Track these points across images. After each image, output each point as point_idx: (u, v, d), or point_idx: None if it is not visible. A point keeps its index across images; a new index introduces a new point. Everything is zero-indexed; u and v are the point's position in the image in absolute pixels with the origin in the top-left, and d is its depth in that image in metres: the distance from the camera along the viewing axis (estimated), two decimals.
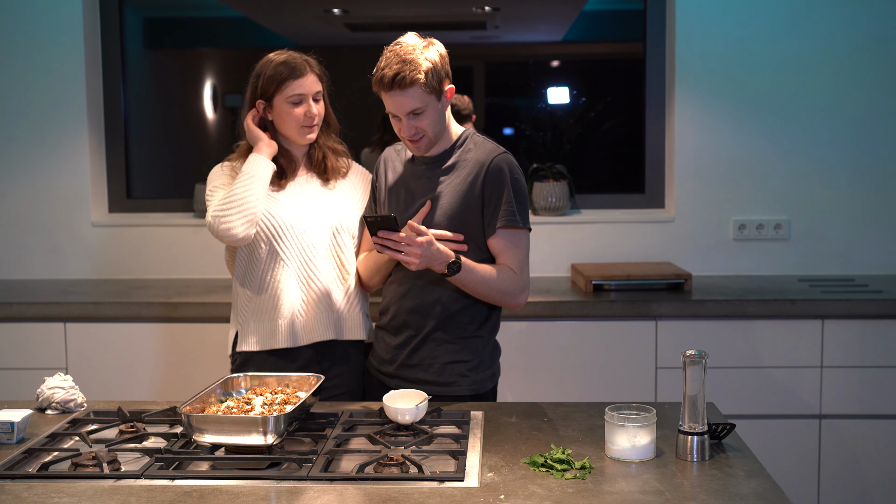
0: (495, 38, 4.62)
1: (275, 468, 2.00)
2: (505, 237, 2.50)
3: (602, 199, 4.12)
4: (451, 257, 2.41)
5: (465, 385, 2.54)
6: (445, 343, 2.54)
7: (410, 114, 2.44)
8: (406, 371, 2.57)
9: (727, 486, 1.90)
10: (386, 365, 2.61)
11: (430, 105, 2.45)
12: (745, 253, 3.93)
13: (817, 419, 3.43)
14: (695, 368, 2.03)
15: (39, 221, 4.00)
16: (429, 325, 2.54)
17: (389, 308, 2.61)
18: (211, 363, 3.39)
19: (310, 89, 2.60)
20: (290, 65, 2.60)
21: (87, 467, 1.99)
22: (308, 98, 2.60)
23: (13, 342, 3.50)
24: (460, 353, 2.55)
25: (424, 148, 2.52)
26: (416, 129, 2.46)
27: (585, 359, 3.45)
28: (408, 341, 2.57)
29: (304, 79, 2.59)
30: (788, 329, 3.40)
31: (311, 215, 2.63)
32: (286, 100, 2.58)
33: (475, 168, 2.51)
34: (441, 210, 2.51)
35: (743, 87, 3.87)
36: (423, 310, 2.54)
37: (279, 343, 2.62)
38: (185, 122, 4.43)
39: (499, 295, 2.50)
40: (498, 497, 1.85)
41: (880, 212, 3.90)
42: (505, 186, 2.48)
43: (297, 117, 2.59)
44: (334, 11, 4.30)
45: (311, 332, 2.63)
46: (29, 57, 3.93)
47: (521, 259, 2.51)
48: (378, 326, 2.69)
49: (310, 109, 2.60)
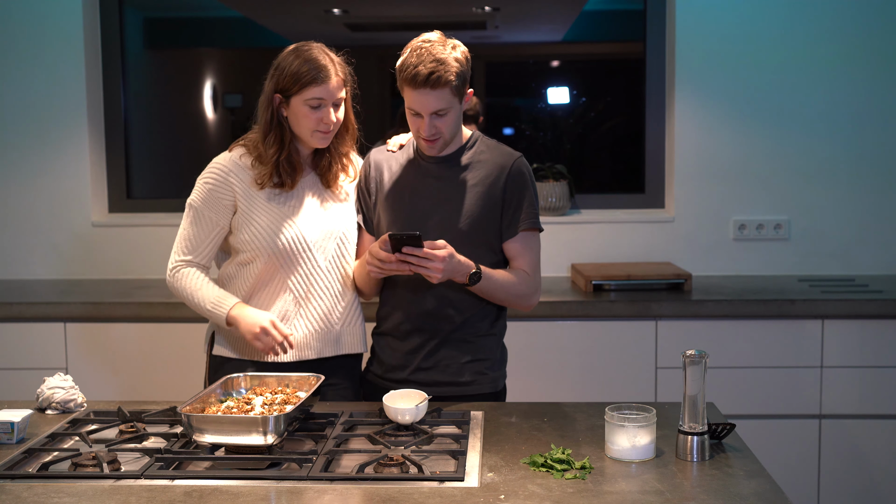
0: (495, 38, 4.62)
1: (275, 468, 1.99)
2: (523, 240, 2.53)
3: (602, 199, 4.12)
4: (472, 268, 2.43)
5: (486, 383, 2.56)
6: (462, 343, 2.54)
7: (434, 114, 2.41)
8: (421, 375, 2.54)
9: (727, 486, 1.90)
10: (396, 371, 2.57)
11: (454, 107, 2.43)
12: (745, 253, 3.93)
13: (817, 419, 3.43)
14: (695, 368, 2.03)
15: (39, 221, 4.00)
16: (446, 328, 2.53)
17: (394, 313, 2.57)
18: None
19: (331, 95, 2.43)
20: (316, 66, 2.41)
21: (87, 467, 1.99)
22: (328, 104, 2.43)
23: (13, 342, 3.50)
24: (477, 353, 2.55)
25: (439, 148, 2.50)
26: (436, 128, 2.43)
27: (585, 359, 3.44)
28: (422, 345, 2.54)
29: (328, 84, 2.42)
30: (788, 329, 3.40)
31: (318, 228, 2.51)
32: (304, 101, 2.42)
33: (495, 170, 2.51)
34: (457, 210, 2.50)
35: (743, 87, 3.87)
36: (439, 314, 2.52)
37: (260, 357, 2.52)
38: (185, 122, 4.43)
39: (514, 298, 2.53)
40: (498, 497, 1.85)
41: (880, 212, 3.90)
42: (527, 190, 2.52)
43: (312, 122, 2.44)
44: (334, 11, 4.30)
45: (304, 350, 2.53)
46: (29, 57, 3.93)
47: (535, 261, 2.55)
48: (379, 333, 2.64)
49: (327, 116, 2.43)
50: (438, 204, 2.51)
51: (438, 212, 2.51)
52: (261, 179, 2.49)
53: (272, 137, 2.48)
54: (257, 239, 2.47)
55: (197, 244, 2.52)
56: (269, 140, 2.48)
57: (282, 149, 2.48)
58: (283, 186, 2.50)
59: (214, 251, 2.55)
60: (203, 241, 2.52)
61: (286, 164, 2.49)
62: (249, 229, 2.48)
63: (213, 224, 2.51)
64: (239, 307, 2.44)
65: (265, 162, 2.49)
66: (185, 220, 2.53)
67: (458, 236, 2.48)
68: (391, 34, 4.61)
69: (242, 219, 2.49)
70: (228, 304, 2.45)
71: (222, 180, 2.50)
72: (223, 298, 2.46)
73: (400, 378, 2.55)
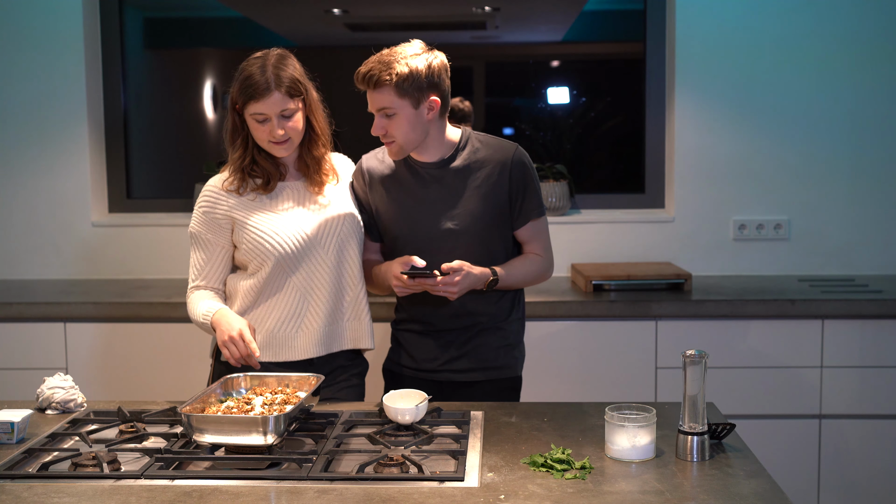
0: (495, 38, 4.62)
1: (275, 468, 2.00)
2: (533, 227, 2.62)
3: (602, 199, 4.12)
4: (488, 276, 2.52)
5: (517, 367, 2.67)
6: (493, 331, 2.62)
7: (382, 113, 2.46)
8: (455, 363, 2.61)
9: (727, 486, 1.90)
10: (427, 363, 2.63)
11: (403, 110, 2.45)
12: (745, 253, 3.93)
13: (817, 419, 3.43)
14: (695, 368, 2.03)
15: (39, 221, 4.00)
16: (478, 323, 2.60)
17: (419, 312, 2.62)
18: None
19: (273, 109, 2.44)
20: (252, 84, 2.43)
21: (87, 467, 1.99)
22: (272, 118, 2.45)
23: (13, 342, 3.50)
24: (507, 338, 2.64)
25: (395, 153, 2.52)
26: (384, 129, 2.47)
27: (585, 359, 3.45)
28: (453, 340, 2.61)
29: (267, 99, 2.43)
30: (788, 329, 3.41)
31: (316, 226, 2.53)
32: (250, 115, 2.47)
33: (497, 167, 2.55)
34: (467, 213, 2.53)
35: (743, 88, 3.87)
36: (468, 313, 2.59)
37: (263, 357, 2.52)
38: (185, 122, 4.43)
39: (533, 281, 2.66)
40: (498, 497, 1.85)
41: (880, 212, 3.90)
42: (530, 179, 2.59)
43: (263, 134, 2.48)
44: (334, 11, 4.30)
45: (315, 347, 2.55)
46: (29, 57, 3.93)
47: (546, 242, 2.67)
48: (401, 329, 2.68)
49: (273, 129, 2.45)
50: (446, 211, 2.54)
51: (448, 219, 2.54)
52: (233, 185, 2.53)
53: (238, 142, 2.54)
54: (260, 245, 2.49)
55: (204, 267, 2.57)
56: (235, 144, 2.54)
57: (245, 153, 2.53)
58: (259, 189, 2.53)
59: (225, 273, 2.59)
60: (210, 265, 2.56)
61: (255, 167, 2.53)
62: (251, 238, 2.50)
63: (215, 245, 2.55)
64: (221, 312, 2.46)
65: (234, 167, 2.54)
66: (191, 249, 2.59)
67: (471, 239, 2.54)
68: (391, 34, 4.60)
69: (242, 231, 2.52)
70: (214, 310, 2.48)
71: (213, 202, 2.54)
72: (213, 307, 2.49)
73: (432, 368, 2.62)
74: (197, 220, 2.56)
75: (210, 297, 2.54)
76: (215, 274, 2.57)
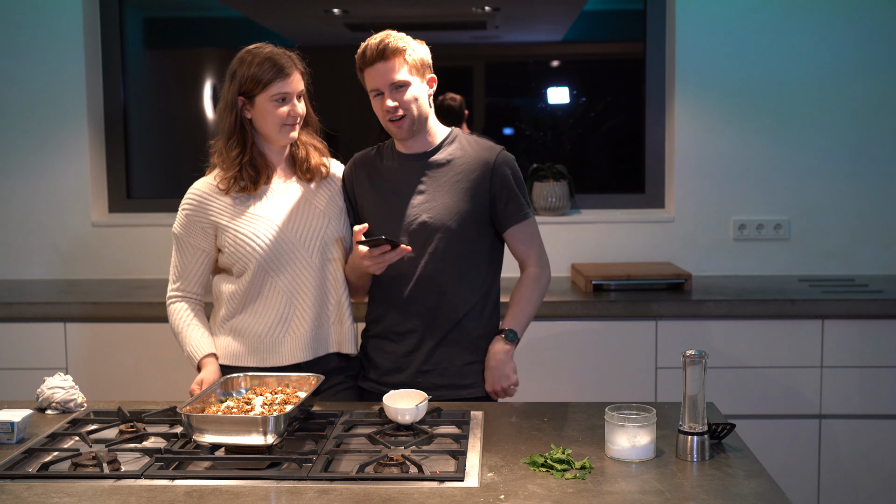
0: (495, 38, 4.62)
1: (275, 468, 2.00)
2: (522, 230, 2.58)
3: (602, 199, 4.12)
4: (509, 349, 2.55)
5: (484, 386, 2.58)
6: (461, 343, 2.56)
7: (393, 87, 2.45)
8: (420, 378, 2.55)
9: (727, 486, 1.90)
10: (392, 375, 2.57)
11: (413, 84, 2.47)
12: (745, 253, 3.93)
13: (817, 419, 3.43)
14: (695, 368, 2.03)
15: (39, 221, 4.00)
16: (443, 328, 2.54)
17: (388, 315, 2.58)
18: None
19: (295, 88, 2.52)
20: (276, 63, 2.49)
21: (87, 467, 1.99)
22: (293, 97, 2.52)
23: (13, 342, 3.50)
24: (475, 354, 2.57)
25: (407, 129, 2.49)
26: (398, 103, 2.45)
27: (585, 359, 3.45)
28: (418, 346, 2.55)
29: (291, 78, 2.51)
30: (788, 329, 3.41)
31: (299, 228, 2.54)
32: (270, 98, 2.49)
33: (479, 166, 2.53)
34: (445, 208, 2.51)
35: (743, 88, 3.87)
36: (435, 314, 2.54)
37: (250, 362, 2.55)
38: (185, 122, 4.43)
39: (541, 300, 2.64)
40: (498, 497, 1.85)
41: (880, 212, 3.90)
42: (515, 183, 2.55)
43: (280, 116, 2.50)
44: (334, 11, 4.30)
45: (302, 351, 2.55)
46: (29, 57, 3.93)
47: (539, 244, 2.63)
48: (372, 335, 2.64)
49: (294, 108, 2.52)
50: (425, 203, 2.53)
51: (427, 211, 2.52)
52: (224, 184, 2.53)
53: (234, 140, 2.55)
54: (242, 248, 2.51)
55: (183, 270, 2.59)
56: (232, 143, 2.55)
57: (244, 150, 2.54)
58: (246, 189, 2.54)
59: (204, 277, 2.61)
60: (189, 268, 2.59)
61: (249, 166, 2.54)
62: (233, 241, 2.52)
63: (195, 249, 2.57)
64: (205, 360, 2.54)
65: (229, 166, 2.54)
66: (173, 249, 2.62)
67: (450, 234, 2.51)
68: None
69: (224, 234, 2.53)
70: (200, 356, 2.55)
71: (197, 205, 2.55)
72: (198, 350, 2.55)
73: (396, 382, 2.55)
74: (179, 221, 2.58)
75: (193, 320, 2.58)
76: (194, 277, 2.59)
